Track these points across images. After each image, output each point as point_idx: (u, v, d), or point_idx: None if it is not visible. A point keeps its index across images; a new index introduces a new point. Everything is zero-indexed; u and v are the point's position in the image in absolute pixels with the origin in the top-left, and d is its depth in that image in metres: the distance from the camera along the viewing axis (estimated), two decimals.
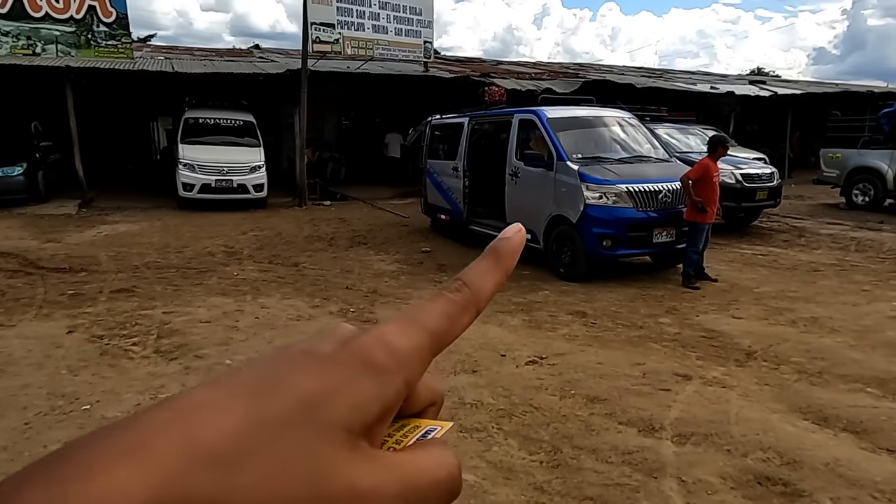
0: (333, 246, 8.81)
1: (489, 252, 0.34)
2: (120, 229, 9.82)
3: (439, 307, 0.31)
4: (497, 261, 0.34)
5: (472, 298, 0.32)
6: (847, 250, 8.24)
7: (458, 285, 0.32)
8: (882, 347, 4.56)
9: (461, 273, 0.33)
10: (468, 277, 0.33)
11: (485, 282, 0.33)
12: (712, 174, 6.31)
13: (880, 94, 18.98)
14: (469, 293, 0.32)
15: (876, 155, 11.62)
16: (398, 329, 0.30)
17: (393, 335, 0.30)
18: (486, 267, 0.34)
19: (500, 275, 0.34)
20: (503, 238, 0.35)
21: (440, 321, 0.31)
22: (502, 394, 3.78)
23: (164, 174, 13.91)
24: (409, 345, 0.30)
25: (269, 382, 0.26)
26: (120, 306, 5.64)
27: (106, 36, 11.94)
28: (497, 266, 0.34)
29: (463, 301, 0.32)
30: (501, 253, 0.34)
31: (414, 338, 0.30)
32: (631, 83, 16.57)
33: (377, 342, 0.29)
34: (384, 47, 13.56)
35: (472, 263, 0.34)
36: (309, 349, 0.29)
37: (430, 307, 0.31)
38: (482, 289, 0.33)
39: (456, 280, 0.33)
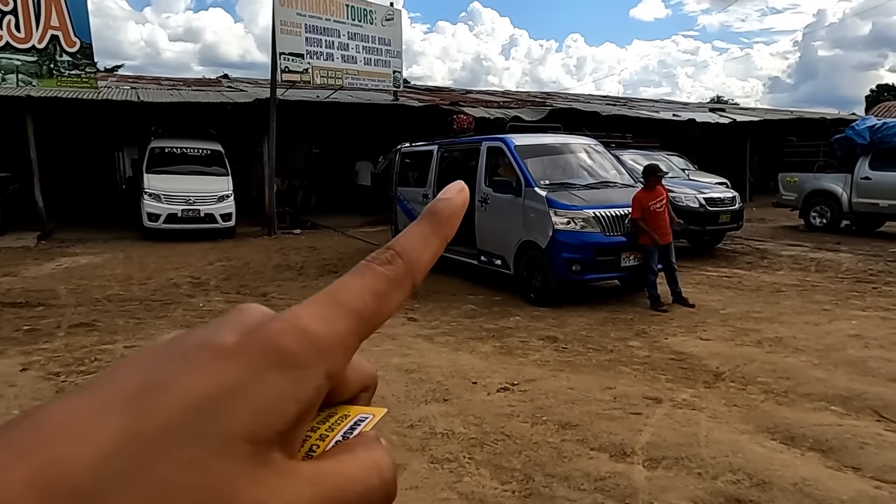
0: (303, 275, 8.70)
1: (426, 215, 0.29)
2: (81, 262, 9.54)
3: (366, 283, 0.26)
4: (435, 225, 0.29)
5: (406, 271, 0.27)
6: (807, 271, 8.48)
7: (388, 255, 0.28)
8: (844, 366, 4.66)
9: (393, 241, 0.28)
10: (401, 246, 0.28)
11: (420, 251, 0.28)
12: (648, 204, 6.49)
13: (832, 121, 19.83)
14: (402, 265, 0.27)
15: (831, 178, 12.07)
16: (316, 312, 0.25)
17: (310, 319, 0.25)
18: (421, 233, 0.29)
19: (438, 242, 0.29)
20: (443, 198, 0.30)
21: (367, 300, 0.26)
22: (474, 422, 3.73)
23: (129, 205, 13.63)
24: (330, 330, 0.25)
25: (152, 386, 0.22)
26: (79, 341, 5.44)
27: (69, 65, 11.77)
28: (435, 231, 0.29)
29: (394, 275, 0.27)
30: (441, 216, 0.29)
31: (336, 322, 0.25)
32: (596, 111, 16.99)
33: (290, 329, 0.24)
34: (353, 77, 13.67)
35: (407, 228, 0.29)
36: (206, 340, 0.24)
37: (354, 284, 0.26)
38: (417, 259, 0.28)
39: (387, 250, 0.28)
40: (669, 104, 26.20)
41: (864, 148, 11.45)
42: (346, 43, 13.36)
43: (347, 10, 13.34)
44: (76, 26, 11.65)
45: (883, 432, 3.52)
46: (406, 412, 3.87)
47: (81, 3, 11.73)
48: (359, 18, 13.54)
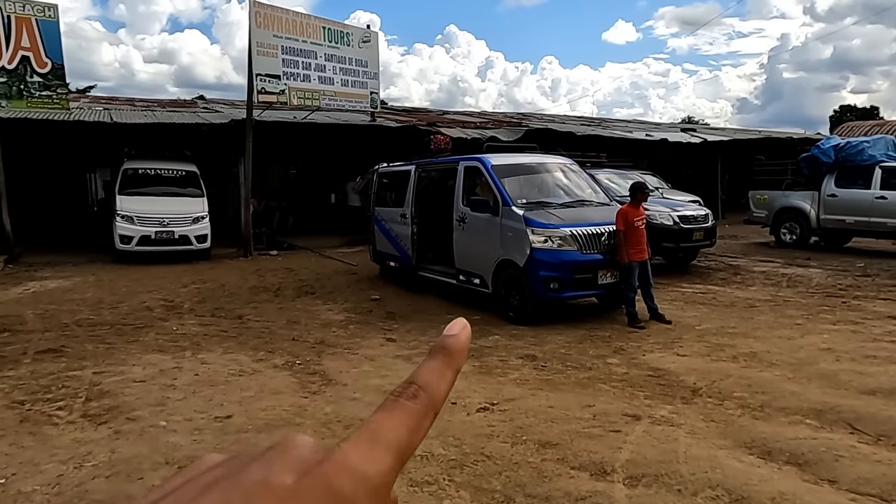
0: (280, 296, 8.59)
1: (439, 351, 0.33)
2: (49, 286, 9.29)
3: (400, 420, 0.29)
4: (448, 360, 0.33)
5: (430, 404, 0.31)
6: (779, 286, 8.64)
7: (413, 391, 0.31)
8: (817, 379, 4.73)
9: (414, 375, 0.32)
10: (422, 380, 0.31)
11: (439, 384, 0.32)
12: (632, 219, 6.58)
13: (799, 140, 20.46)
14: (426, 398, 0.31)
15: (799, 196, 12.40)
16: (363, 451, 0.28)
17: (358, 460, 0.27)
18: (438, 368, 0.32)
19: (452, 374, 0.33)
20: (450, 336, 0.34)
21: (403, 436, 0.29)
22: (453, 443, 3.69)
23: (101, 227, 13.36)
24: (377, 469, 0.27)
25: None
26: (45, 368, 5.27)
27: (40, 86, 11.58)
28: (449, 365, 0.33)
29: (423, 409, 0.30)
30: (452, 351, 0.33)
31: (380, 461, 0.28)
32: (572, 131, 17.26)
33: (343, 470, 0.26)
34: (330, 97, 13.69)
35: (423, 363, 0.33)
36: (265, 479, 0.25)
37: (390, 421, 0.29)
38: (438, 392, 0.32)
39: (410, 385, 0.31)
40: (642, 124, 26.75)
41: (830, 166, 11.80)
42: (323, 64, 13.41)
43: (324, 32, 13.41)
44: (48, 47, 11.50)
45: (857, 444, 3.57)
46: None
47: (53, 24, 11.60)
48: (335, 40, 13.62)
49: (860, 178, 11.43)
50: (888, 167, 11.22)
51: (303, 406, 4.38)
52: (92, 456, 3.59)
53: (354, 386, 4.82)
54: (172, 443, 3.77)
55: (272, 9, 12.60)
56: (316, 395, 4.62)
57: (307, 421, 4.11)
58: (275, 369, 5.31)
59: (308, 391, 4.72)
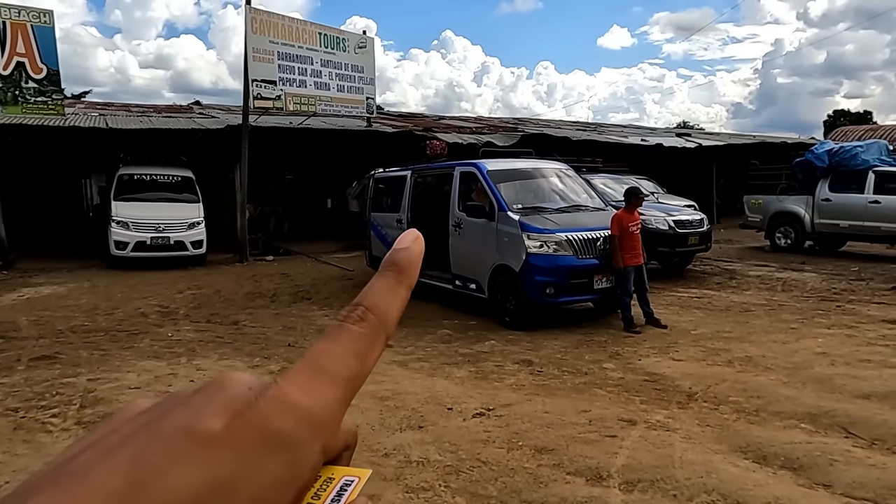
0: (276, 302, 8.57)
1: (388, 267, 0.29)
2: (44, 292, 9.26)
3: (345, 346, 0.26)
4: (399, 275, 0.29)
5: (380, 325, 0.28)
6: (774, 290, 8.67)
7: (360, 312, 0.27)
8: (812, 383, 4.74)
9: (361, 296, 0.28)
10: (370, 301, 0.28)
11: (390, 303, 0.28)
12: (627, 224, 6.60)
13: (793, 145, 20.54)
14: (375, 320, 0.27)
15: (794, 200, 12.46)
16: (304, 384, 0.24)
17: (299, 394, 0.24)
18: (388, 285, 0.29)
19: (404, 291, 0.29)
20: (400, 248, 0.30)
21: (350, 363, 0.26)
22: (449, 449, 3.69)
23: (96, 233, 13.33)
24: (321, 402, 0.24)
25: (136, 484, 0.19)
26: (39, 375, 5.24)
27: (35, 92, 11.56)
28: (400, 281, 0.29)
29: (371, 333, 0.27)
30: (402, 266, 0.29)
31: (325, 393, 0.24)
32: (567, 136, 17.32)
33: (281, 408, 0.23)
34: (326, 103, 13.71)
35: (372, 282, 0.29)
36: (189, 425, 0.22)
37: (335, 349, 0.26)
38: (388, 312, 0.28)
39: (357, 306, 0.28)
40: (638, 129, 26.85)
41: (824, 171, 11.86)
42: (319, 70, 13.44)
43: (320, 38, 13.45)
44: (43, 53, 11.49)
45: (851, 448, 3.58)
46: (380, 441, 3.80)
47: (49, 30, 11.60)
48: (331, 46, 13.65)
49: (854, 183, 11.49)
50: (882, 172, 11.29)
51: None
52: None
53: None
54: None
55: (268, 15, 12.64)
56: None
57: None
58: (271, 375, 5.28)
59: None
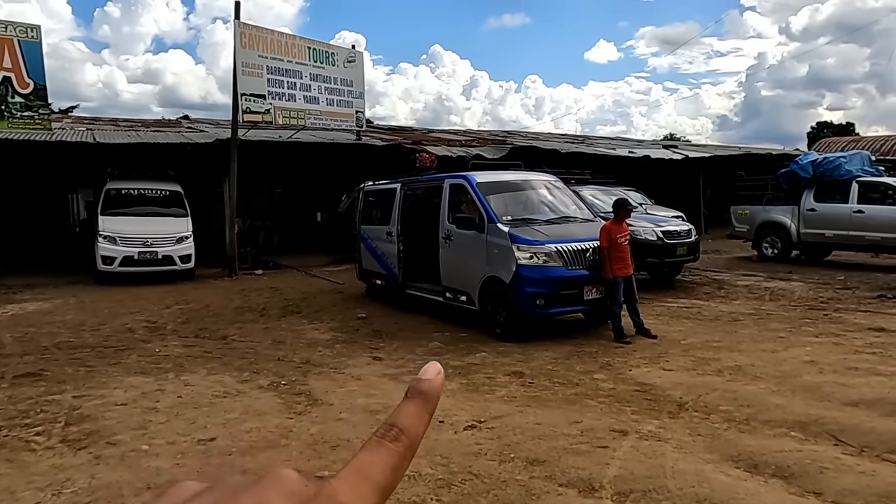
0: (265, 316, 8.51)
1: (416, 394, 0.36)
2: (29, 308, 9.13)
3: (384, 460, 0.32)
4: (425, 403, 0.36)
5: (410, 445, 0.34)
6: (762, 300, 8.74)
7: (395, 433, 0.34)
8: (801, 391, 4.77)
9: (394, 417, 0.35)
10: (403, 424, 0.34)
11: (418, 427, 0.35)
12: (616, 236, 6.65)
13: (778, 156, 20.81)
14: (407, 441, 0.34)
15: (780, 210, 12.60)
16: (351, 488, 0.30)
17: (348, 496, 0.30)
18: (416, 411, 0.35)
19: (429, 417, 0.36)
20: (425, 379, 0.37)
21: (387, 475, 0.32)
22: (441, 462, 3.66)
23: (83, 248, 13.19)
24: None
25: None
26: (24, 392, 5.16)
27: (21, 107, 11.48)
28: (426, 408, 0.36)
29: (404, 451, 0.33)
30: (428, 395, 0.36)
31: (367, 498, 0.30)
32: (556, 148, 17.44)
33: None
34: (316, 117, 13.73)
35: (401, 406, 0.36)
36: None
37: (375, 461, 0.32)
38: (416, 434, 0.35)
39: (391, 427, 0.34)
40: (625, 141, 27.11)
41: (808, 181, 12.03)
42: (309, 84, 13.47)
43: (309, 52, 13.50)
44: (30, 68, 11.44)
45: (841, 456, 3.59)
46: None
47: (36, 44, 11.55)
48: (321, 60, 13.70)
49: (838, 193, 11.66)
50: (865, 182, 11.46)
51: (288, 427, 4.32)
52: (71, 482, 3.50)
53: (341, 406, 4.77)
54: (154, 467, 3.69)
55: (257, 29, 12.68)
56: (301, 416, 4.56)
57: (293, 442, 4.06)
58: (260, 390, 5.25)
59: (293, 412, 4.66)
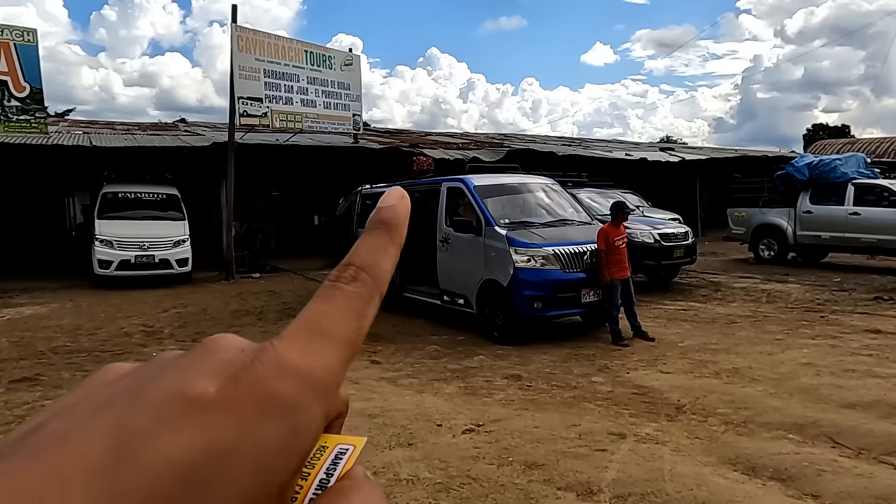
0: (262, 320, 8.50)
1: (376, 224, 0.29)
2: (25, 312, 9.10)
3: (343, 307, 0.25)
4: (388, 233, 0.29)
5: (373, 284, 0.27)
6: (759, 302, 8.76)
7: (353, 272, 0.27)
8: (798, 394, 4.78)
9: (350, 256, 0.28)
10: (361, 260, 0.27)
11: (381, 262, 0.28)
12: (613, 238, 6.66)
13: (774, 158, 20.86)
14: (369, 280, 0.27)
15: (776, 213, 12.64)
16: (303, 346, 0.24)
17: (298, 356, 0.23)
18: (378, 244, 0.28)
19: (394, 250, 0.29)
20: (387, 206, 0.29)
21: (349, 324, 0.25)
22: (439, 466, 3.65)
23: (79, 252, 13.16)
24: (322, 364, 0.23)
25: (122, 451, 0.18)
26: (20, 397, 5.13)
27: (18, 111, 11.47)
28: (390, 240, 0.29)
29: (366, 292, 0.27)
30: (391, 224, 0.29)
31: (325, 354, 0.24)
32: (553, 151, 17.47)
33: (280, 371, 0.22)
34: (313, 120, 13.74)
35: (360, 241, 0.29)
36: (179, 388, 0.20)
37: (331, 309, 0.25)
38: (380, 271, 0.28)
39: (348, 266, 0.27)
40: (622, 144, 27.17)
41: (804, 184, 12.07)
42: (306, 87, 13.48)
43: (306, 55, 13.51)
44: (26, 71, 11.43)
45: (838, 458, 3.60)
46: (369, 458, 3.76)
47: (32, 48, 11.54)
48: (318, 64, 13.72)
49: (834, 195, 11.70)
50: (860, 184, 11.51)
51: None
52: None
53: None
54: None
55: (254, 33, 12.69)
56: None
57: None
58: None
59: None
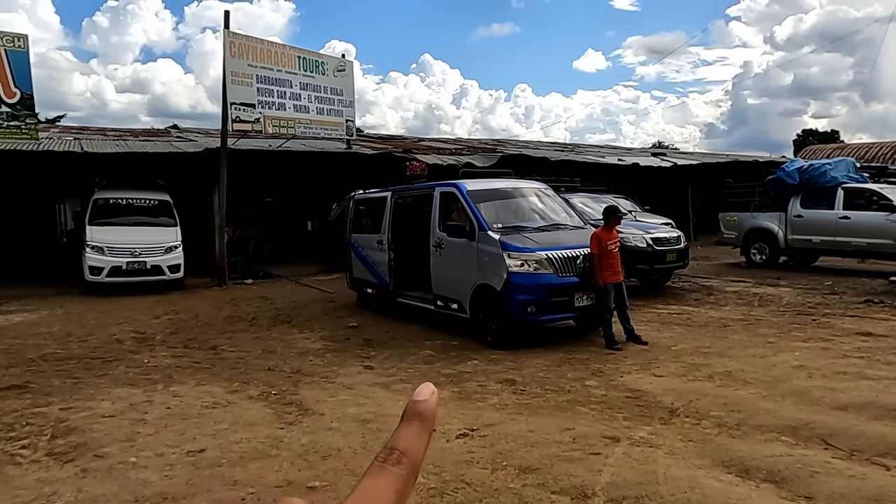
0: (255, 326, 8.45)
1: (412, 416, 0.37)
2: (14, 319, 9.01)
3: (389, 484, 0.33)
4: (422, 424, 0.37)
5: (412, 467, 0.35)
6: (751, 305, 8.80)
7: (396, 457, 0.34)
8: (790, 396, 4.80)
9: (394, 441, 0.35)
10: (403, 446, 0.35)
11: (418, 448, 0.36)
12: (606, 243, 6.68)
13: (765, 163, 21.06)
14: (409, 463, 0.35)
15: (767, 217, 12.72)
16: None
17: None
18: (415, 433, 0.36)
19: (427, 437, 0.37)
20: (421, 401, 0.38)
21: (393, 499, 0.32)
22: (433, 471, 3.64)
23: (70, 259, 13.06)
24: None
25: None
26: (9, 405, 5.08)
27: (8, 117, 11.39)
28: (424, 429, 0.37)
29: (407, 474, 0.34)
30: (425, 416, 0.37)
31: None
32: (546, 157, 17.53)
33: None
34: (306, 126, 13.72)
35: (400, 429, 0.36)
36: None
37: (380, 486, 0.33)
38: (417, 456, 0.36)
39: (392, 451, 0.35)
40: (614, 149, 27.30)
41: (795, 188, 12.16)
42: (299, 93, 13.46)
43: (299, 61, 13.50)
44: (17, 77, 11.36)
45: (831, 460, 3.61)
46: (363, 464, 3.72)
47: (23, 54, 11.48)
48: (311, 70, 13.71)
49: (824, 200, 11.79)
50: (850, 188, 11.61)
51: (279, 437, 4.29)
52: (57, 496, 3.45)
53: (332, 415, 4.74)
54: (142, 479, 3.64)
55: (247, 38, 12.67)
56: (292, 426, 4.52)
57: (283, 452, 4.02)
58: (250, 400, 5.20)
59: (284, 422, 4.62)
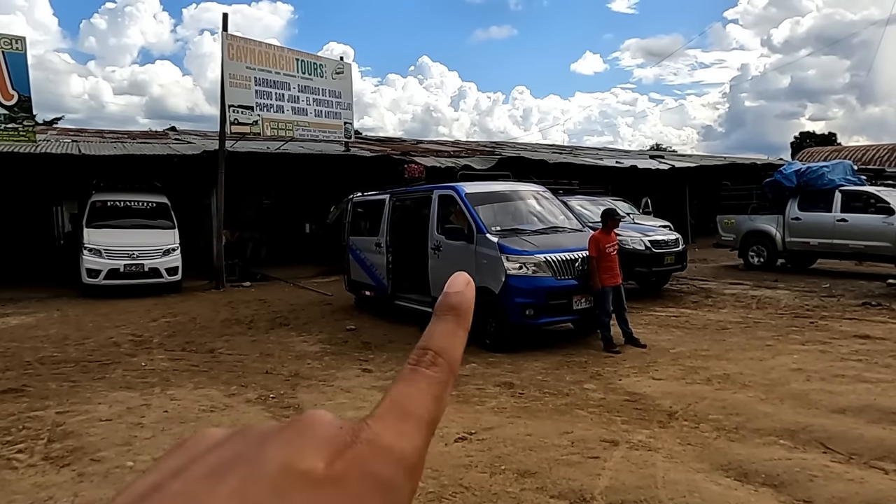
0: (253, 329, 8.43)
1: (447, 311, 0.31)
2: (11, 322, 8.98)
3: (424, 390, 0.28)
4: (458, 318, 0.31)
5: (449, 369, 0.29)
6: (749, 308, 8.81)
7: (431, 357, 0.29)
8: (789, 399, 4.80)
9: (426, 340, 0.30)
10: (438, 345, 0.30)
11: (455, 347, 0.30)
12: (604, 245, 6.68)
13: (762, 166, 21.08)
14: (445, 364, 0.29)
15: (765, 219, 12.74)
16: (394, 428, 0.26)
17: (391, 437, 0.25)
18: (450, 329, 0.30)
19: (463, 334, 0.31)
20: (455, 292, 0.32)
21: (430, 406, 0.28)
22: (431, 475, 3.63)
23: (67, 261, 13.03)
24: (412, 446, 0.26)
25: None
26: (5, 409, 5.05)
27: (6, 119, 11.36)
28: (459, 325, 0.31)
29: (445, 376, 0.29)
30: (460, 310, 0.31)
31: (413, 436, 0.26)
32: (544, 159, 17.54)
33: (379, 451, 0.24)
34: (304, 128, 13.72)
35: (433, 326, 0.31)
36: (290, 462, 0.22)
37: (414, 392, 0.28)
38: (454, 356, 0.30)
39: (426, 351, 0.29)
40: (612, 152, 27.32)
41: (792, 190, 12.18)
42: (297, 95, 13.46)
43: (297, 63, 13.50)
44: (14, 79, 11.33)
45: (829, 464, 3.61)
46: None
47: (21, 56, 11.46)
48: (309, 72, 13.71)
49: (821, 202, 11.81)
50: (847, 191, 11.63)
51: None
52: (53, 501, 3.43)
53: None
54: None
55: (245, 41, 12.67)
56: None
57: None
58: (248, 404, 5.19)
59: None
